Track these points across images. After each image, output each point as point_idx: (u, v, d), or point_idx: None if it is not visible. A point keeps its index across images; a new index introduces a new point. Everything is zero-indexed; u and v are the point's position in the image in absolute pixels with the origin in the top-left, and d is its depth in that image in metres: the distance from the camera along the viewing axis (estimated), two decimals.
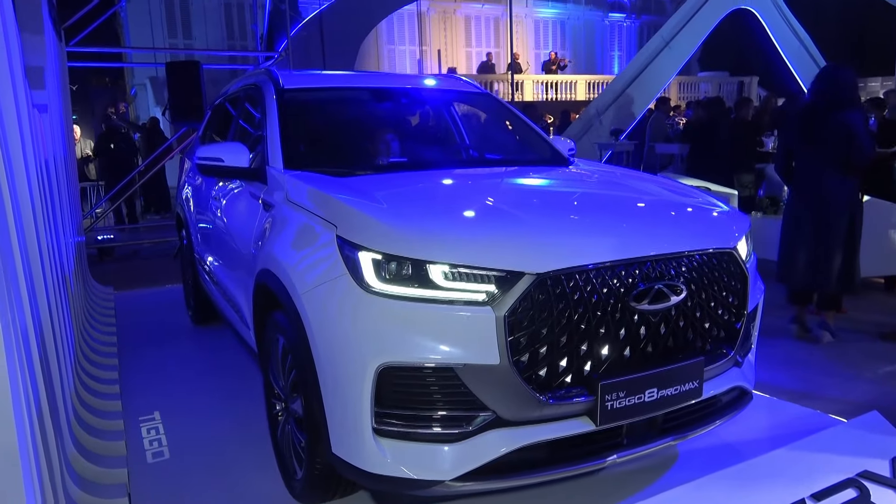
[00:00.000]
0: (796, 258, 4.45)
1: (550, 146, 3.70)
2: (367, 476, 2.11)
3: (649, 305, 2.15)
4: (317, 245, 2.34)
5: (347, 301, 2.10)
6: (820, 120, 4.28)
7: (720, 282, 2.37)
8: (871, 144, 4.23)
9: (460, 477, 2.05)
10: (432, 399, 2.04)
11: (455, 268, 2.03)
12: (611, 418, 2.13)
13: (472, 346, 2.00)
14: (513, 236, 2.13)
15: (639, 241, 2.24)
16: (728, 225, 2.54)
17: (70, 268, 4.27)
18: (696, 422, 2.43)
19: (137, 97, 19.39)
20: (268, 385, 2.83)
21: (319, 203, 2.48)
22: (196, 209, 4.56)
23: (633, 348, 2.17)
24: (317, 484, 2.44)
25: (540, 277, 2.02)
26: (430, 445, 2.06)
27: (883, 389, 3.77)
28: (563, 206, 2.53)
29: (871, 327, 4.83)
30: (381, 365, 2.02)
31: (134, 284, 6.85)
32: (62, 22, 7.12)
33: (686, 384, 2.26)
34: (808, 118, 4.37)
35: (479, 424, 2.05)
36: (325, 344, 2.15)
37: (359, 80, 3.90)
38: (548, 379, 2.06)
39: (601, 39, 26.87)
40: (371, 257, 2.09)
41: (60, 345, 2.96)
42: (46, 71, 3.99)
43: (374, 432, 2.07)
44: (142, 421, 3.45)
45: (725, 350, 2.43)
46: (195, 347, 4.73)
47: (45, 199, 3.15)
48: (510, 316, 1.99)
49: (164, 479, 2.87)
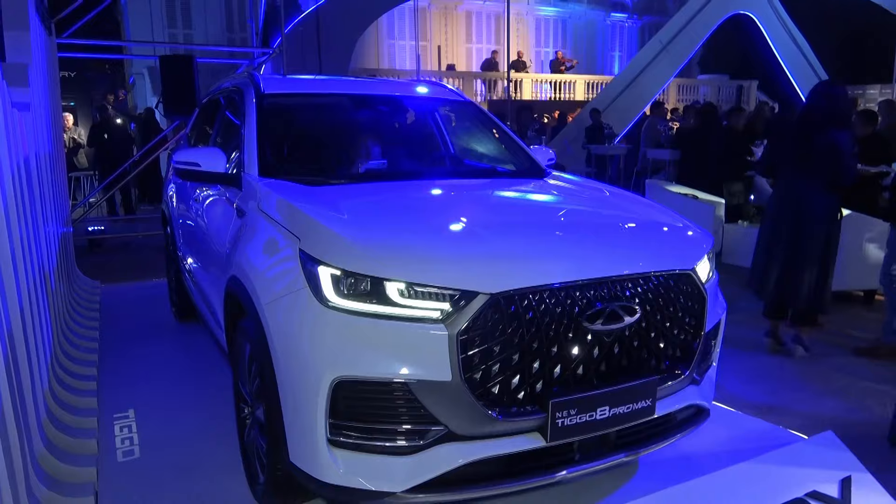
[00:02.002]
0: (770, 271, 4.49)
1: (529, 157, 3.73)
2: (322, 485, 2.16)
3: (603, 326, 2.19)
4: (281, 257, 2.38)
5: (306, 314, 2.15)
6: (809, 136, 4.30)
7: (676, 302, 2.41)
8: (854, 165, 4.27)
9: (412, 489, 2.10)
10: (386, 413, 2.09)
11: (411, 286, 2.08)
12: (561, 435, 2.18)
13: (425, 362, 2.05)
14: (469, 255, 2.18)
15: (595, 262, 2.28)
16: (688, 246, 2.59)
17: (52, 265, 4.31)
18: (650, 438, 2.47)
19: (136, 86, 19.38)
20: (237, 389, 2.87)
21: (286, 214, 2.52)
22: (178, 207, 4.60)
23: (586, 367, 2.21)
24: (277, 489, 2.48)
25: (493, 298, 2.06)
26: (383, 458, 2.11)
27: (850, 405, 3.82)
28: (524, 224, 2.57)
29: (847, 341, 4.88)
30: (336, 378, 2.06)
31: (122, 277, 6.89)
32: (55, 13, 7.14)
33: (639, 402, 2.30)
34: (797, 133, 4.40)
35: (431, 438, 2.10)
36: (285, 355, 2.20)
37: (340, 87, 3.92)
38: (499, 396, 2.11)
39: (602, 39, 26.85)
40: (330, 272, 2.13)
41: (34, 344, 3.00)
42: (31, 68, 4.01)
43: (329, 443, 2.12)
44: (116, 418, 3.49)
45: (681, 369, 2.47)
46: (176, 344, 4.77)
47: (22, 198, 3.19)
48: (463, 334, 2.04)
49: (132, 479, 2.92)
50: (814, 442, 2.71)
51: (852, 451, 2.67)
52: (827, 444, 2.70)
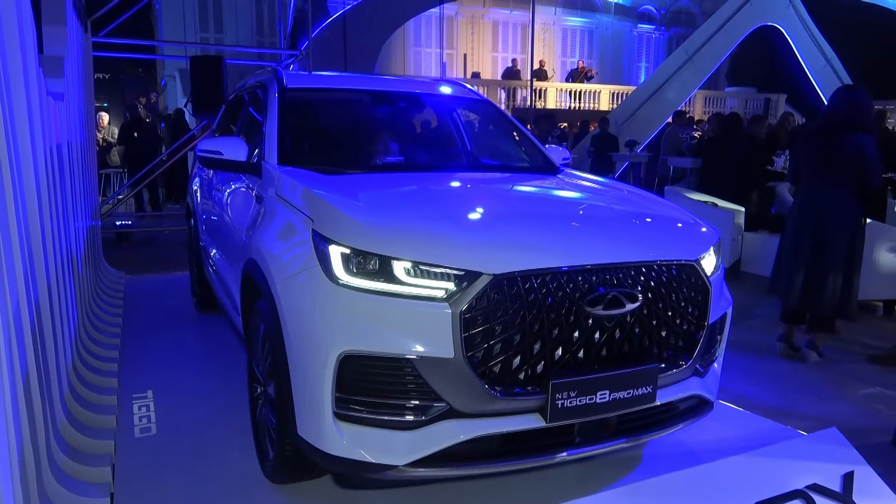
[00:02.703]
0: (793, 277, 4.44)
1: (543, 155, 3.80)
2: (327, 458, 2.24)
3: (604, 311, 2.24)
4: (295, 238, 2.47)
5: (316, 291, 2.23)
6: (832, 140, 4.29)
7: (679, 292, 2.45)
8: (880, 169, 4.26)
9: (413, 463, 2.17)
10: (390, 388, 2.16)
11: (417, 265, 2.15)
12: (561, 416, 2.23)
13: (428, 339, 2.12)
14: (474, 238, 2.25)
15: (598, 248, 2.33)
16: (693, 238, 2.63)
17: (80, 251, 4.46)
18: (651, 426, 2.51)
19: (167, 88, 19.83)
20: (251, 370, 2.97)
21: (302, 198, 2.62)
22: (202, 200, 4.74)
23: (587, 351, 2.26)
24: (286, 465, 2.57)
25: (497, 278, 2.13)
26: (387, 431, 2.18)
27: (859, 410, 3.81)
28: (532, 212, 2.63)
29: (861, 348, 4.85)
30: (343, 352, 2.14)
31: (147, 270, 7.08)
32: (91, 13, 7.38)
33: (640, 388, 2.35)
34: (820, 138, 4.39)
35: (433, 414, 2.16)
36: (295, 330, 2.28)
37: (360, 83, 4.03)
38: (500, 375, 2.17)
39: (629, 50, 26.84)
40: (340, 251, 2.22)
41: (59, 320, 3.13)
42: (66, 60, 4.18)
43: (335, 416, 2.19)
44: (135, 398, 3.61)
45: (683, 359, 2.51)
46: (196, 332, 4.90)
47: (54, 184, 3.33)
48: (466, 313, 2.11)
49: (149, 454, 3.02)
50: (817, 437, 2.71)
51: (858, 451, 2.68)
52: (830, 440, 2.70)
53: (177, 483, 2.76)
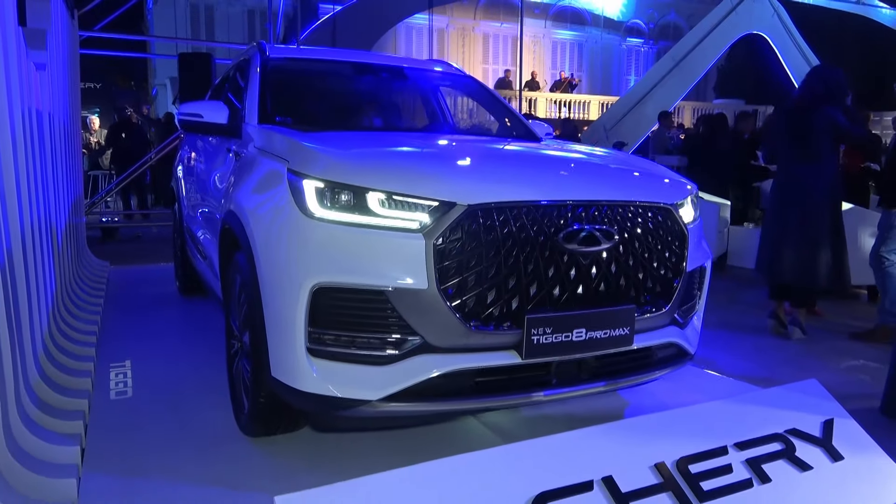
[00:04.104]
0: (781, 252, 4.46)
1: (526, 126, 3.80)
2: (300, 395, 2.20)
3: (580, 247, 2.23)
4: (271, 180, 2.46)
5: (290, 226, 2.22)
6: (808, 116, 4.34)
7: (656, 235, 2.44)
8: (855, 129, 4.31)
9: (387, 398, 2.14)
10: (364, 322, 2.14)
11: (391, 196, 2.14)
12: (537, 353, 2.21)
13: (402, 270, 2.10)
14: (449, 171, 2.25)
15: (575, 186, 2.33)
16: (670, 186, 2.63)
17: (60, 224, 4.43)
18: (630, 371, 2.50)
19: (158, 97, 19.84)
20: (228, 328, 2.94)
21: (279, 145, 2.61)
22: (184, 178, 4.72)
23: (563, 289, 2.24)
24: (260, 415, 2.53)
25: (471, 209, 2.12)
26: (360, 367, 2.15)
27: (844, 379, 3.80)
28: (508, 157, 2.64)
29: (845, 329, 4.85)
30: (316, 284, 2.12)
31: (131, 263, 7.02)
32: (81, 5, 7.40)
33: (616, 329, 2.33)
34: (795, 115, 4.44)
35: (407, 349, 2.14)
36: (269, 265, 2.26)
37: (342, 55, 4.04)
38: (475, 309, 2.15)
39: (618, 63, 27.11)
40: (315, 185, 2.20)
41: (34, 280, 3.09)
42: (49, 34, 4.18)
43: (308, 352, 2.16)
44: (112, 366, 3.56)
45: (661, 304, 2.50)
46: (178, 313, 4.86)
47: (33, 142, 3.31)
48: (440, 244, 2.09)
49: (124, 413, 2.97)
50: (797, 387, 2.69)
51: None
52: (810, 390, 2.69)
53: (151, 439, 2.71)
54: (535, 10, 24.67)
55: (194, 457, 2.56)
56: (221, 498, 2.26)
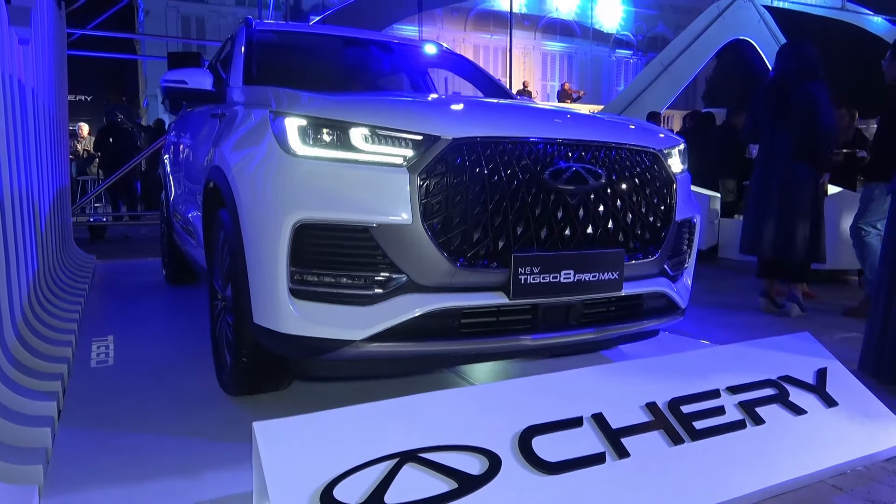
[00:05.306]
0: (763, 228, 4.46)
1: (511, 96, 3.80)
2: (283, 338, 2.14)
3: (566, 185, 2.20)
4: (253, 127, 2.42)
5: (272, 164, 2.17)
6: (787, 94, 4.36)
7: (644, 179, 2.42)
8: (832, 115, 4.32)
9: (371, 337, 2.08)
10: (347, 260, 2.09)
11: (375, 131, 2.10)
12: (524, 294, 2.16)
13: (386, 205, 2.06)
14: (434, 107, 2.22)
15: (562, 127, 2.31)
16: (658, 135, 2.62)
17: (44, 205, 4.37)
18: (619, 318, 2.45)
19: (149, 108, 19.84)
20: (211, 289, 2.88)
21: (262, 95, 2.57)
22: (170, 161, 4.68)
23: (550, 228, 2.21)
24: (243, 370, 2.47)
25: (456, 142, 2.08)
26: (343, 307, 2.10)
27: (838, 349, 3.74)
28: (497, 104, 2.61)
29: (838, 308, 4.83)
30: (298, 221, 2.07)
31: (119, 259, 6.94)
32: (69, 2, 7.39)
33: (605, 273, 2.30)
34: (774, 93, 4.45)
35: (391, 287, 2.09)
36: (251, 209, 2.21)
37: (326, 29, 4.04)
38: (461, 245, 2.10)
39: (608, 74, 27.35)
40: (297, 123, 2.16)
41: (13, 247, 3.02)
42: (34, 13, 4.16)
43: (290, 293, 2.11)
44: (94, 340, 3.50)
45: (651, 251, 2.46)
46: (163, 298, 4.78)
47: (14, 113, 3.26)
48: (425, 178, 2.06)
49: (104, 379, 2.91)
50: (790, 338, 2.66)
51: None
52: (803, 342, 2.66)
53: (130, 401, 2.65)
54: (525, 21, 24.91)
55: (173, 413, 2.50)
56: (200, 446, 2.20)
